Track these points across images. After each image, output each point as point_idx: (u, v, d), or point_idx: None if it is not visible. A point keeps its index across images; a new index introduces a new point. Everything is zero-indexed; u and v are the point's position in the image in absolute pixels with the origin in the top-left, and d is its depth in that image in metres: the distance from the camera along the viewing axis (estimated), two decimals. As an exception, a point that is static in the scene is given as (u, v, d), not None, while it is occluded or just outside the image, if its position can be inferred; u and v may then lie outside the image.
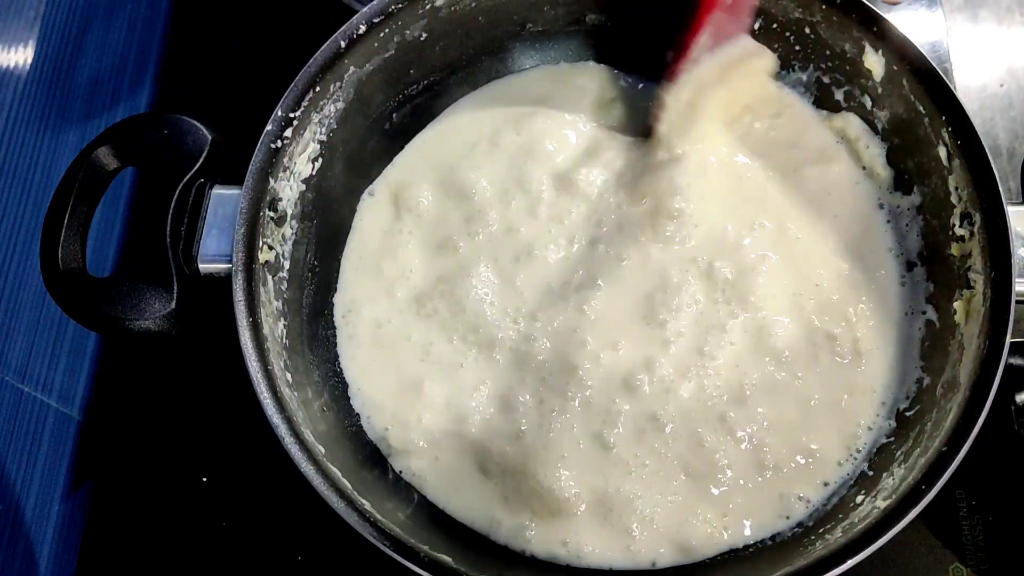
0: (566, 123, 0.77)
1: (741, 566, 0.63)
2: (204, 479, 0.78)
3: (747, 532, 0.65)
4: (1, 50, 0.76)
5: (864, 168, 0.73)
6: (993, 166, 0.61)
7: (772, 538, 0.64)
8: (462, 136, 0.78)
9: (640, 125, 0.76)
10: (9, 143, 0.75)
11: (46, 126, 0.80)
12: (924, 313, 0.68)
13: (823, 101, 0.75)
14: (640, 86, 0.79)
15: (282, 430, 0.59)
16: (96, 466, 0.81)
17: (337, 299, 0.73)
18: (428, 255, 0.73)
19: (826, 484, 0.65)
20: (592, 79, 0.80)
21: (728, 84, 0.73)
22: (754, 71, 0.74)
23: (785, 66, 0.75)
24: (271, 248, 0.65)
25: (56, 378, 0.80)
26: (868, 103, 0.72)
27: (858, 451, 0.66)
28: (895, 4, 0.84)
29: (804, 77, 0.75)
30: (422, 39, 0.72)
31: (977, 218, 0.62)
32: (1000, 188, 0.61)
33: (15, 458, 0.74)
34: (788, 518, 0.65)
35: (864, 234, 0.72)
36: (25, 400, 0.75)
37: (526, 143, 0.76)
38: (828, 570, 0.56)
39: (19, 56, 0.78)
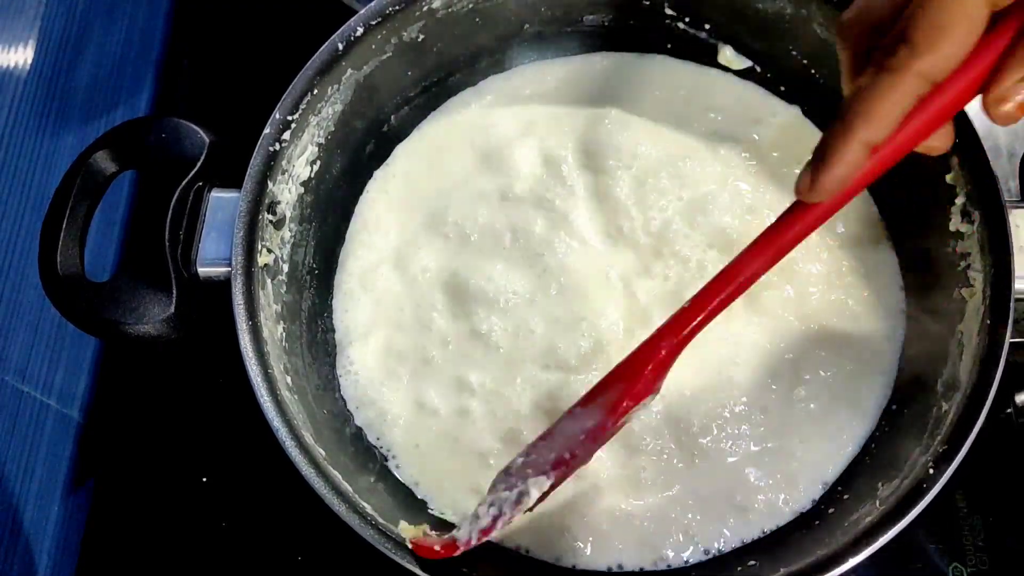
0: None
1: (742, 564, 0.63)
2: (204, 479, 0.78)
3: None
4: (1, 50, 0.76)
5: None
6: (993, 166, 0.61)
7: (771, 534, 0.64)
8: (460, 135, 0.77)
9: None
10: (8, 144, 0.75)
11: (45, 127, 0.80)
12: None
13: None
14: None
15: (282, 433, 0.59)
16: (96, 466, 0.81)
17: (336, 302, 0.73)
18: (429, 254, 0.73)
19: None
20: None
21: None
22: None
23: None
24: (270, 251, 0.65)
25: (56, 378, 0.80)
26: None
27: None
28: (895, 3, 0.83)
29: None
30: (419, 41, 0.72)
31: (977, 217, 0.62)
32: (1000, 188, 0.61)
33: (15, 458, 0.74)
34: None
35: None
36: (25, 400, 0.75)
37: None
38: (828, 570, 0.56)
39: (19, 57, 0.78)
